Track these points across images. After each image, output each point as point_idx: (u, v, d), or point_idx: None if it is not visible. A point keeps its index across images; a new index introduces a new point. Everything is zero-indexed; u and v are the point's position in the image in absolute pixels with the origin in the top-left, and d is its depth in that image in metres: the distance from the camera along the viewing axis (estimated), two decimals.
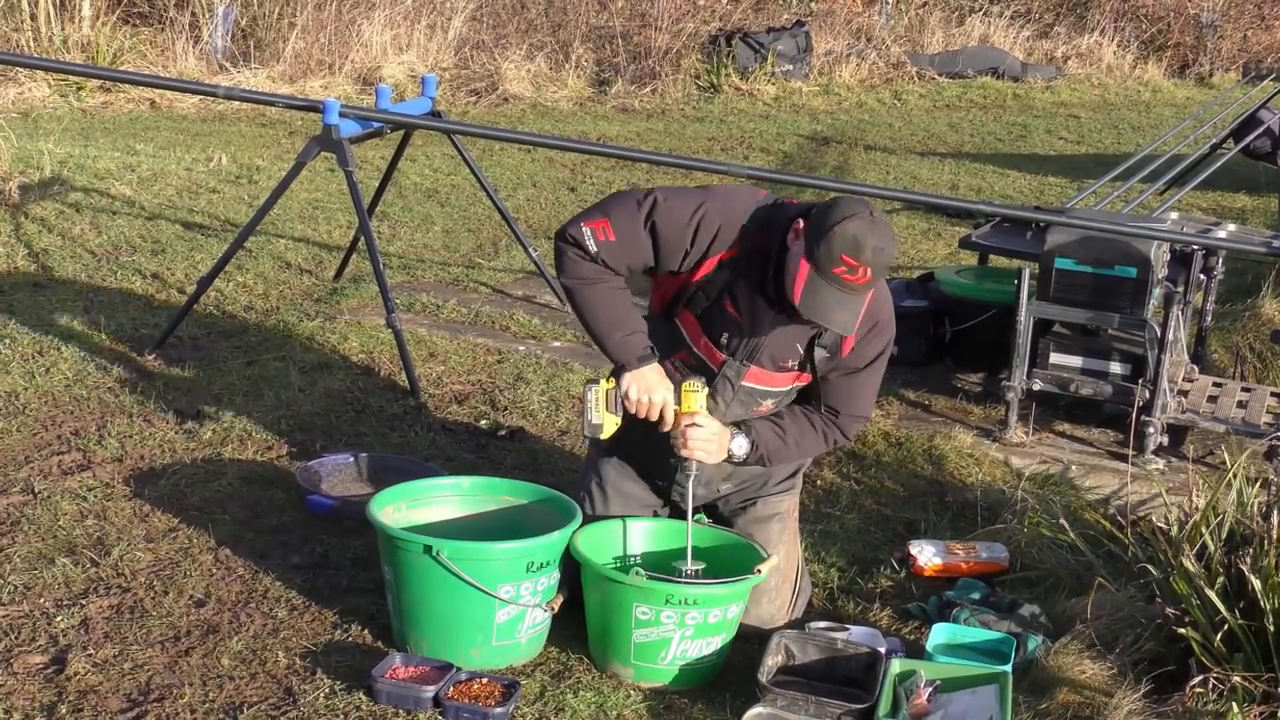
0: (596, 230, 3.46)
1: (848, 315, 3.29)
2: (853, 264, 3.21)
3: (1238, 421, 5.15)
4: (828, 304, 3.26)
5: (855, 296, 3.28)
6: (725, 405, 3.59)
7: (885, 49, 14.57)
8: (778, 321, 3.44)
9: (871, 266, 3.23)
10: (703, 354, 3.56)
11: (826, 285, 3.24)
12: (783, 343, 3.50)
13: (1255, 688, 3.37)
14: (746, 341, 3.49)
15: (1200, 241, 5.37)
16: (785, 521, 3.82)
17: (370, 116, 5.68)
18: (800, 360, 3.54)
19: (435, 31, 12.98)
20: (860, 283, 3.24)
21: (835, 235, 3.21)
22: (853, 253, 3.20)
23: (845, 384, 3.59)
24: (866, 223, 3.23)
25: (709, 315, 3.50)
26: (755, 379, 3.56)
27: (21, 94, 11.03)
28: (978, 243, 6.03)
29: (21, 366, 5.26)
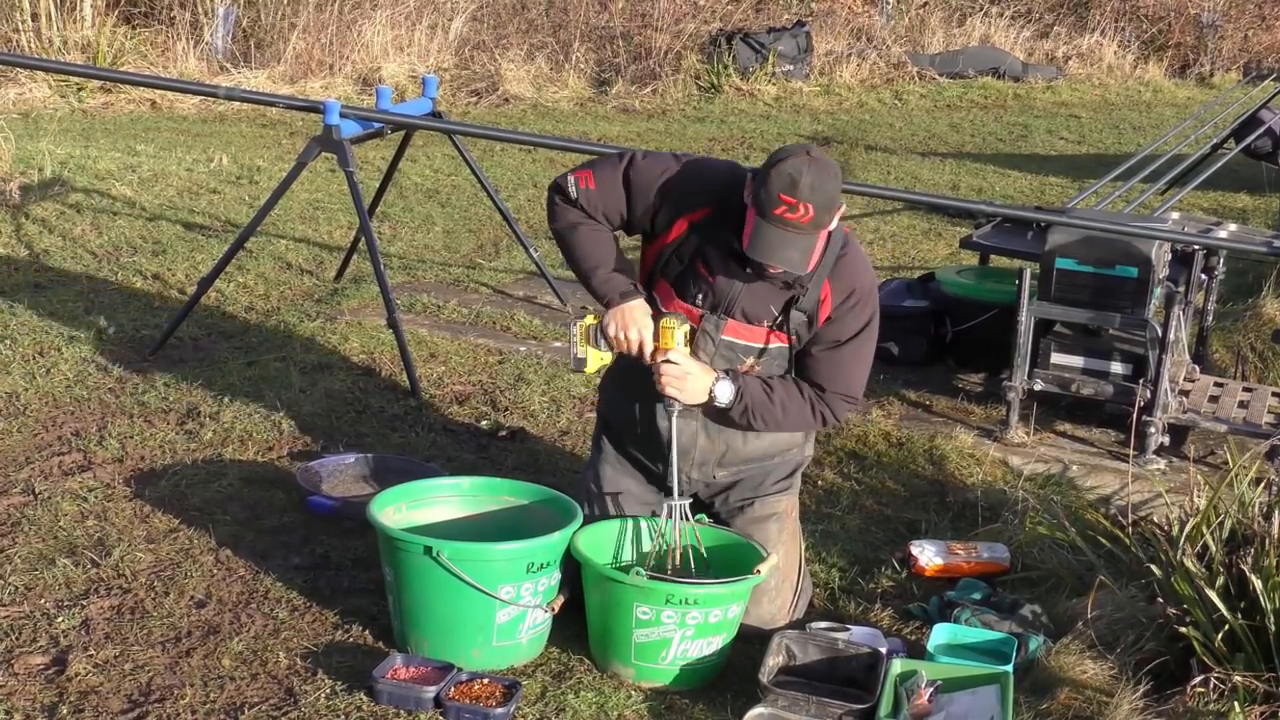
0: (579, 179, 3.65)
1: (795, 253, 3.33)
2: (791, 201, 3.26)
3: (1239, 421, 5.15)
4: (773, 244, 3.31)
5: (801, 236, 3.31)
6: (709, 360, 3.62)
7: (886, 49, 14.57)
8: (748, 279, 3.51)
9: (811, 203, 3.27)
10: (678, 310, 3.62)
11: (770, 226, 3.30)
12: (756, 301, 3.55)
13: (1256, 688, 3.37)
14: (720, 300, 3.56)
15: (1201, 241, 5.37)
16: (784, 521, 3.82)
17: (371, 117, 5.68)
18: (775, 320, 3.57)
19: (436, 32, 12.98)
20: (803, 221, 3.28)
21: (772, 176, 3.28)
22: (789, 190, 3.26)
23: (829, 359, 3.60)
24: (803, 160, 3.29)
25: (683, 279, 3.58)
26: (734, 333, 3.60)
27: (22, 94, 11.03)
28: (979, 243, 6.03)
29: (22, 367, 5.26)
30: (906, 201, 8.82)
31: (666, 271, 3.61)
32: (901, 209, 8.88)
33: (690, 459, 3.77)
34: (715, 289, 3.56)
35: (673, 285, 3.62)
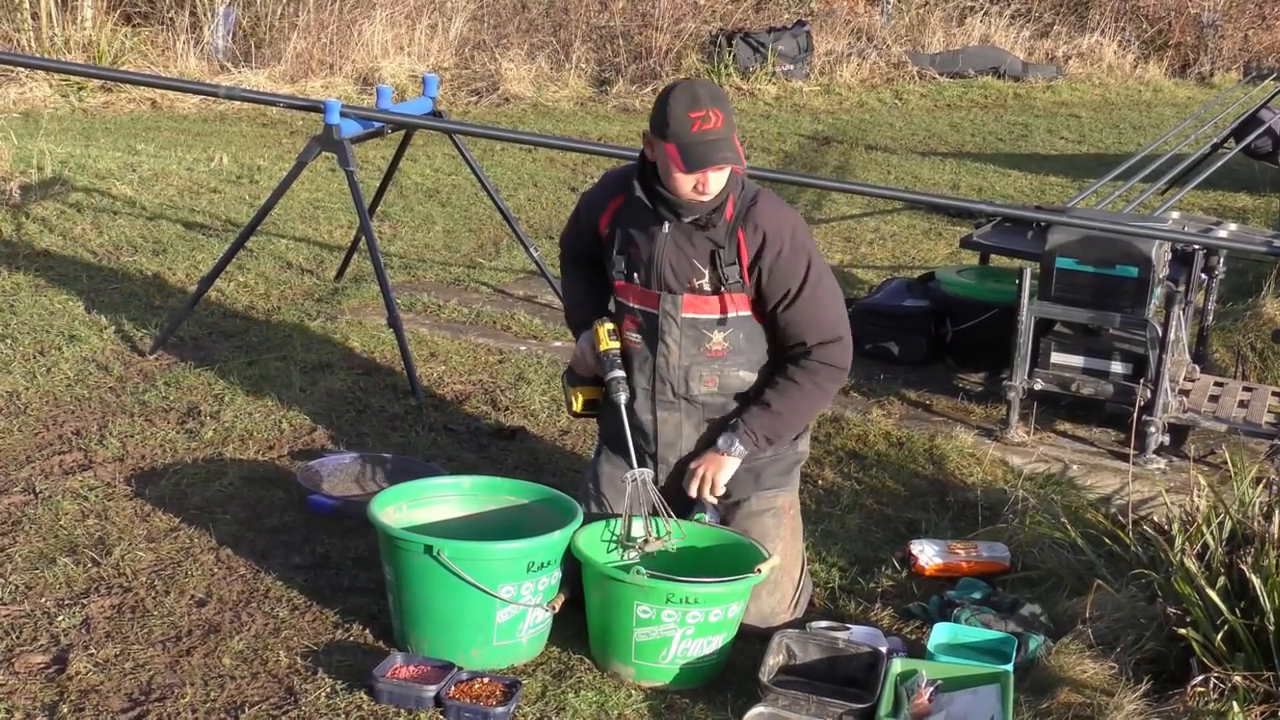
0: (566, 229, 4.06)
1: (728, 153, 3.51)
2: (701, 114, 3.48)
3: (1239, 421, 5.15)
4: (707, 152, 3.49)
5: (724, 139, 3.50)
6: (676, 345, 3.72)
7: (886, 49, 14.57)
8: (666, 237, 3.65)
9: (716, 107, 3.50)
10: (641, 305, 3.75)
11: (695, 144, 3.49)
12: (678, 259, 3.67)
13: (1256, 687, 3.37)
14: (650, 269, 3.69)
15: (1201, 241, 5.37)
16: (781, 518, 3.83)
17: (371, 116, 5.69)
18: (710, 279, 3.66)
19: (436, 31, 12.98)
20: (719, 125, 3.49)
21: (671, 104, 3.50)
22: (694, 106, 3.49)
23: (794, 314, 3.69)
24: (685, 82, 3.58)
25: (625, 268, 3.75)
26: (691, 308, 3.70)
27: (23, 94, 11.03)
28: (979, 242, 6.03)
29: (23, 366, 5.26)
30: (907, 201, 8.82)
31: (615, 269, 3.78)
32: (902, 209, 8.88)
33: (677, 450, 3.83)
34: (642, 261, 3.70)
35: (623, 278, 3.77)
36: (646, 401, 3.80)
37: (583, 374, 3.92)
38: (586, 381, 3.93)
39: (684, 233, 3.65)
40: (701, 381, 3.75)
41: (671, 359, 3.74)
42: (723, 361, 3.74)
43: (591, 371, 3.88)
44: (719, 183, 3.56)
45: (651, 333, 3.74)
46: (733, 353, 3.74)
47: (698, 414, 3.80)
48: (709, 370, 3.74)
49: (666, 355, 3.74)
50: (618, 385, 3.73)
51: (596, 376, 3.87)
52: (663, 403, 3.79)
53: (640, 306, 3.75)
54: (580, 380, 3.94)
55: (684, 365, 3.74)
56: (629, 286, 3.77)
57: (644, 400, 3.81)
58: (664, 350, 3.74)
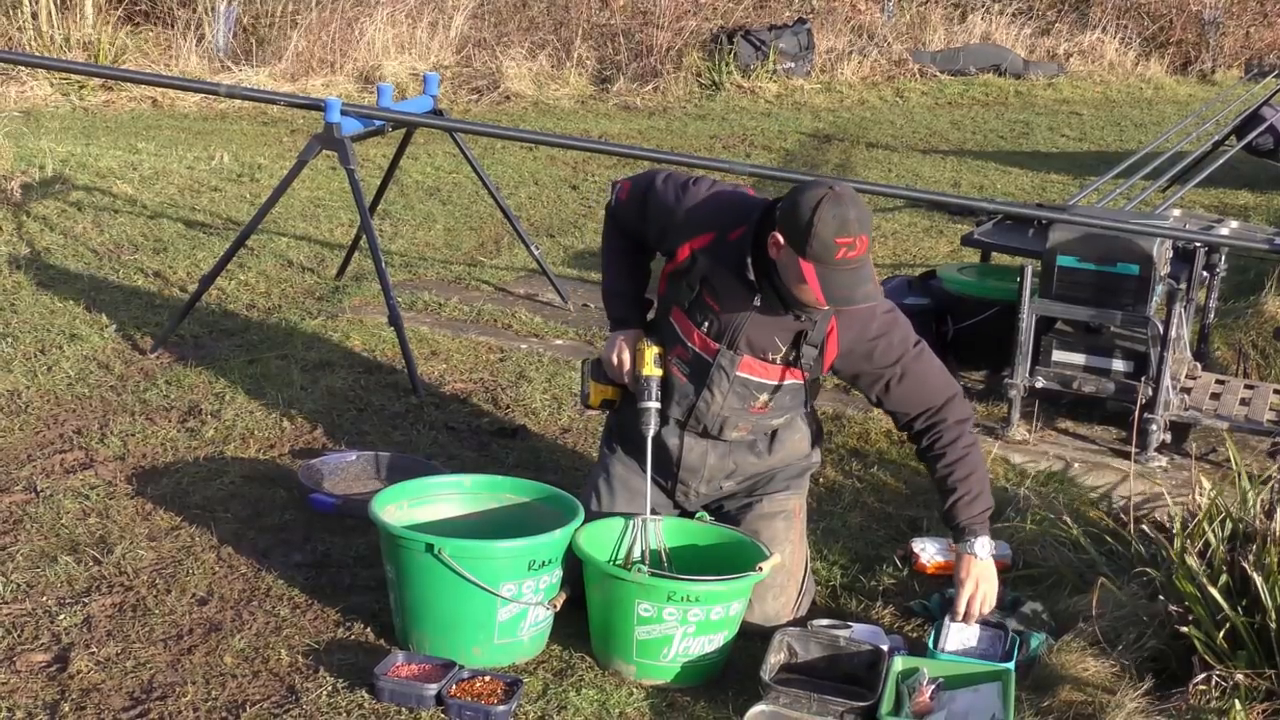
0: (620, 190, 3.80)
1: (868, 286, 3.36)
2: (849, 241, 3.29)
3: (1240, 419, 5.15)
4: (848, 285, 3.33)
5: (864, 268, 3.35)
6: (722, 396, 3.65)
7: (887, 46, 14.57)
8: (754, 310, 3.53)
9: (864, 233, 3.31)
10: (697, 347, 3.63)
11: (837, 271, 3.31)
12: (762, 333, 3.56)
13: (1258, 685, 3.37)
14: (725, 330, 3.58)
15: (1203, 239, 5.36)
16: (791, 520, 3.83)
17: (372, 115, 5.68)
18: (784, 355, 3.58)
19: (437, 30, 12.98)
20: (862, 252, 3.32)
21: (818, 226, 3.28)
22: (843, 232, 3.28)
23: (911, 388, 3.60)
24: (834, 199, 3.30)
25: (693, 307, 3.61)
26: (749, 369, 3.61)
27: (23, 92, 11.04)
28: (980, 240, 6.03)
29: (24, 365, 5.26)
30: (908, 199, 8.82)
31: (679, 298, 3.64)
32: (903, 206, 8.88)
33: (699, 476, 3.81)
34: (720, 319, 3.58)
35: (685, 313, 3.64)
36: (675, 428, 3.75)
37: (612, 377, 3.80)
38: (610, 382, 3.83)
39: (772, 311, 3.53)
40: (736, 429, 3.73)
41: (713, 406, 3.67)
42: (761, 416, 3.71)
43: (619, 377, 3.78)
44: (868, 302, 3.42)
45: (700, 374, 3.65)
46: (774, 410, 3.71)
47: (724, 447, 3.78)
48: (745, 421, 3.71)
49: (709, 402, 3.66)
50: (650, 416, 3.65)
51: (621, 382, 3.79)
52: (692, 433, 3.75)
53: (697, 349, 3.64)
54: (604, 378, 3.84)
55: (723, 415, 3.69)
56: (690, 325, 3.63)
57: (674, 427, 3.75)
58: (707, 396, 3.66)
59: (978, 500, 3.62)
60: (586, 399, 3.88)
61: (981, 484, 3.64)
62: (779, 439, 3.82)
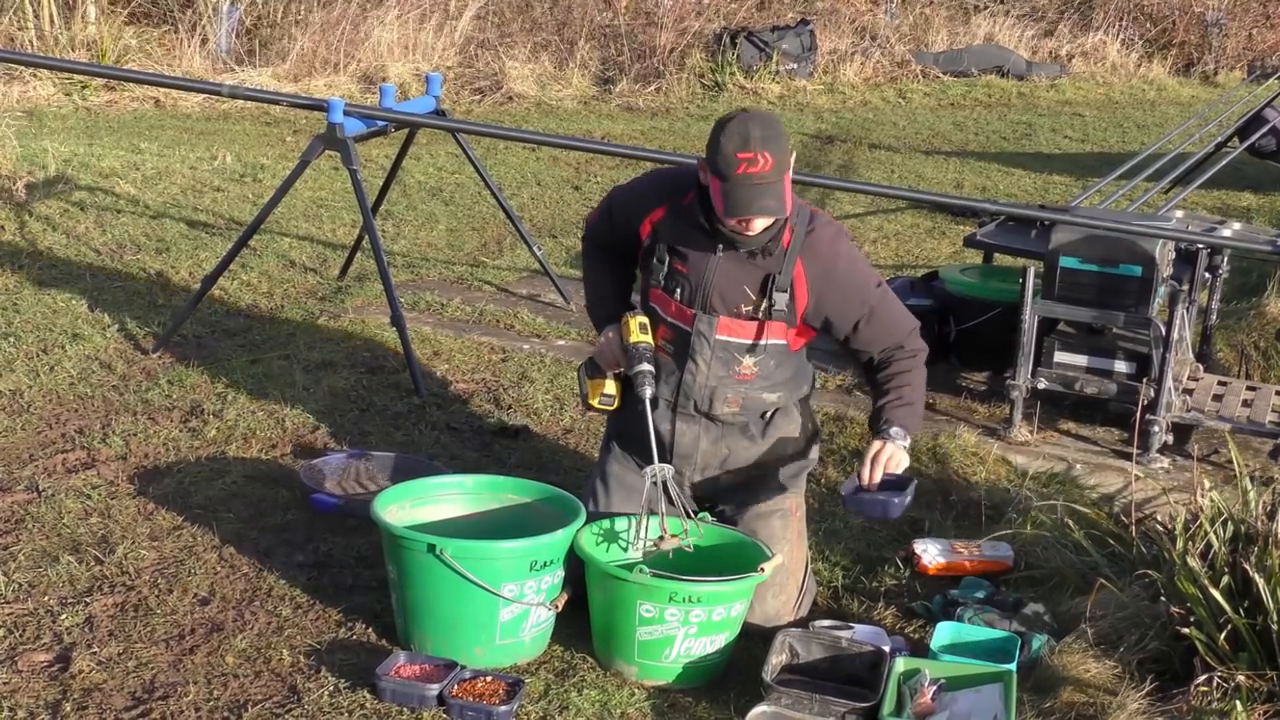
0: (591, 216, 4.00)
1: (771, 201, 3.45)
2: (749, 155, 3.40)
3: (1243, 420, 5.15)
4: (747, 198, 3.43)
5: (769, 184, 3.43)
6: (705, 365, 3.70)
7: (890, 47, 14.56)
8: (718, 262, 3.61)
9: (767, 150, 3.40)
10: (675, 319, 3.71)
11: (738, 185, 3.42)
12: (730, 283, 3.62)
13: (1260, 687, 3.37)
14: (697, 290, 3.64)
15: (1205, 240, 5.36)
16: (788, 519, 3.83)
17: (375, 115, 5.69)
18: (755, 305, 3.62)
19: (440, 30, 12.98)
20: (766, 170, 3.41)
21: (723, 141, 3.43)
22: (743, 147, 3.40)
23: (877, 327, 3.67)
24: (744, 117, 3.47)
25: (668, 281, 3.69)
26: (726, 330, 3.66)
27: (26, 92, 11.04)
28: (982, 241, 6.02)
29: (26, 364, 5.26)
30: (910, 200, 8.82)
31: (653, 277, 3.74)
32: (905, 207, 8.88)
33: (693, 463, 3.82)
34: (690, 281, 3.65)
35: (661, 289, 3.72)
36: (667, 412, 3.78)
37: (605, 366, 3.84)
38: (606, 375, 3.86)
39: (737, 259, 3.60)
40: (725, 402, 3.74)
41: (699, 377, 3.71)
42: (749, 385, 3.73)
43: (613, 366, 3.82)
44: (763, 224, 3.51)
45: (682, 348, 3.71)
46: (761, 377, 3.73)
47: (716, 430, 3.79)
48: (734, 392, 3.73)
49: (694, 373, 3.71)
50: (644, 379, 3.67)
51: (616, 371, 3.83)
52: (684, 415, 3.77)
53: (675, 321, 3.71)
54: (599, 373, 3.87)
55: (710, 385, 3.72)
56: (666, 299, 3.72)
57: (664, 410, 3.78)
58: (692, 368, 3.71)
59: (910, 410, 3.68)
60: (586, 398, 3.90)
61: (916, 399, 3.70)
62: (773, 424, 3.81)
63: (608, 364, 3.83)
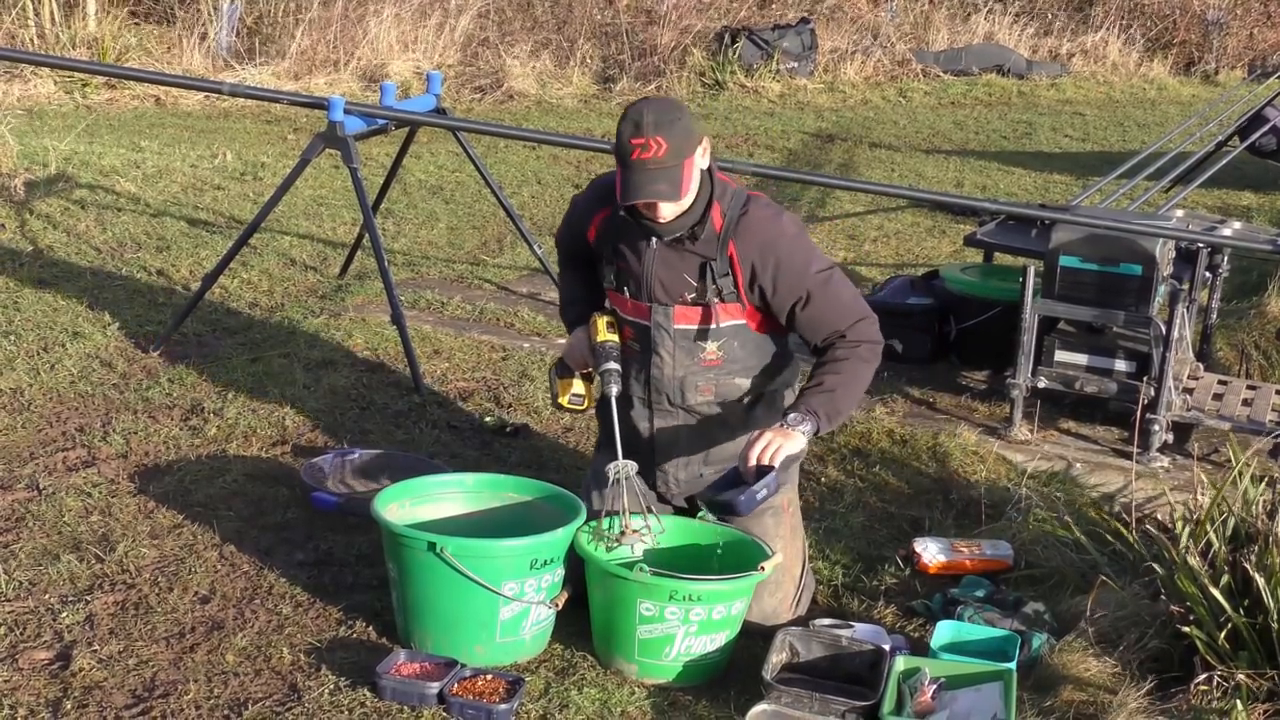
0: (560, 226, 4.04)
1: (663, 185, 3.45)
2: (641, 141, 3.41)
3: (1243, 419, 5.15)
4: (639, 183, 3.45)
5: (662, 170, 3.43)
6: (670, 356, 3.72)
7: (890, 46, 14.56)
8: (654, 254, 3.63)
9: (659, 135, 3.41)
10: (634, 316, 3.74)
11: (631, 171, 3.45)
12: (669, 271, 3.64)
13: (1260, 686, 3.37)
14: (641, 285, 3.67)
15: (1206, 239, 5.36)
16: (780, 516, 3.83)
17: (375, 113, 5.69)
18: (699, 290, 3.63)
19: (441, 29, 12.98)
20: (659, 154, 3.42)
21: (620, 127, 3.47)
22: (636, 133, 3.42)
23: (817, 312, 3.64)
24: (641, 103, 3.50)
25: (618, 280, 3.73)
26: (683, 319, 3.68)
27: (27, 91, 11.04)
28: (983, 240, 6.03)
29: (26, 363, 5.27)
30: (910, 199, 8.82)
31: (606, 279, 3.78)
32: (905, 206, 8.88)
33: (675, 459, 3.83)
34: (635, 277, 3.68)
35: (615, 290, 3.76)
36: (644, 410, 3.80)
37: (574, 366, 3.90)
38: (575, 375, 3.92)
39: (671, 248, 3.62)
40: (697, 391, 3.75)
41: (666, 369, 3.73)
42: (718, 370, 3.73)
43: (582, 365, 3.87)
44: (671, 211, 3.52)
45: (646, 344, 3.74)
46: (728, 361, 3.73)
47: (695, 423, 3.80)
48: (704, 380, 3.74)
49: (660, 365, 3.73)
50: (611, 377, 3.71)
51: (585, 370, 3.88)
52: (660, 412, 3.79)
53: (633, 318, 3.74)
54: (569, 373, 3.92)
55: (679, 375, 3.73)
56: (621, 298, 3.76)
57: (640, 408, 3.81)
58: (658, 361, 3.73)
59: (826, 397, 3.59)
60: (556, 398, 3.94)
61: (839, 387, 3.61)
62: (753, 415, 3.80)
63: (576, 364, 3.88)
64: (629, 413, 3.81)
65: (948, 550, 4.20)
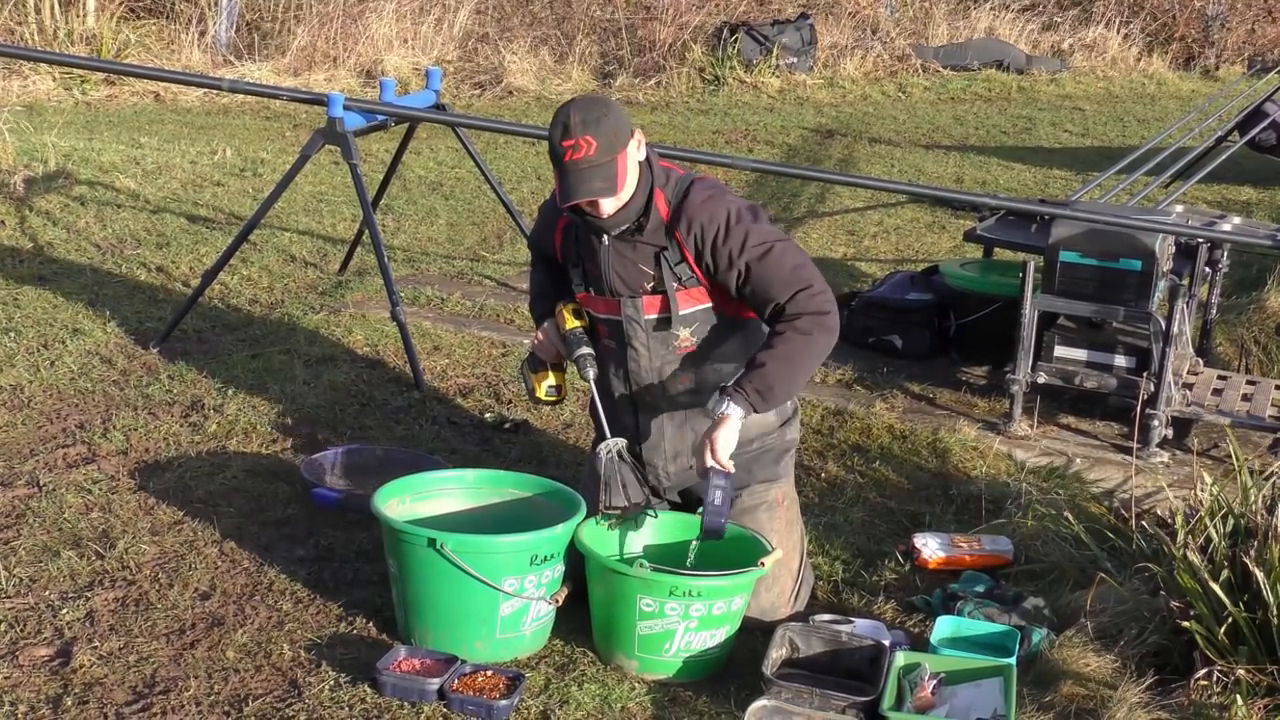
0: (533, 228, 4.06)
1: (598, 183, 3.48)
2: (571, 142, 3.45)
3: (1242, 414, 5.15)
4: (575, 183, 3.48)
5: (596, 167, 3.46)
6: (645, 347, 3.72)
7: (890, 41, 14.55)
8: (608, 250, 3.66)
9: (587, 134, 3.44)
10: (606, 313, 3.75)
11: (568, 173, 3.48)
12: (625, 265, 3.67)
13: (1259, 681, 3.38)
14: (604, 283, 3.70)
15: (1205, 234, 5.36)
16: (774, 510, 3.82)
17: (375, 109, 5.68)
18: (657, 279, 3.65)
19: (440, 25, 12.97)
20: (590, 154, 3.45)
21: (550, 131, 3.50)
22: (565, 134, 3.46)
23: (759, 282, 3.57)
24: (568, 104, 3.52)
25: (586, 282, 3.75)
26: (651, 309, 3.69)
27: (26, 87, 11.03)
28: (982, 235, 6.02)
29: (27, 360, 5.27)
30: (910, 194, 8.82)
31: (575, 281, 3.79)
32: (905, 202, 8.88)
33: (661, 452, 3.82)
34: (598, 277, 3.70)
35: (584, 290, 3.78)
36: (628, 406, 3.81)
37: (545, 359, 3.91)
38: (547, 367, 3.93)
39: (623, 241, 3.64)
40: (677, 380, 3.75)
41: (643, 361, 3.73)
42: (694, 357, 3.72)
43: (554, 357, 3.90)
44: (611, 206, 3.53)
45: (620, 338, 3.74)
46: (704, 347, 3.72)
47: (680, 415, 3.79)
48: (682, 368, 3.73)
49: (637, 358, 3.73)
50: (586, 361, 3.73)
51: (556, 362, 3.90)
52: (643, 406, 3.79)
53: (605, 315, 3.75)
54: (541, 366, 3.93)
55: (656, 366, 3.73)
56: (590, 298, 3.77)
57: (625, 405, 3.81)
58: (634, 354, 3.73)
59: (760, 375, 3.52)
60: (532, 393, 3.95)
61: (770, 361, 3.52)
62: None
63: (548, 356, 3.90)
64: (614, 411, 3.81)
65: (948, 545, 4.21)
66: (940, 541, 4.22)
